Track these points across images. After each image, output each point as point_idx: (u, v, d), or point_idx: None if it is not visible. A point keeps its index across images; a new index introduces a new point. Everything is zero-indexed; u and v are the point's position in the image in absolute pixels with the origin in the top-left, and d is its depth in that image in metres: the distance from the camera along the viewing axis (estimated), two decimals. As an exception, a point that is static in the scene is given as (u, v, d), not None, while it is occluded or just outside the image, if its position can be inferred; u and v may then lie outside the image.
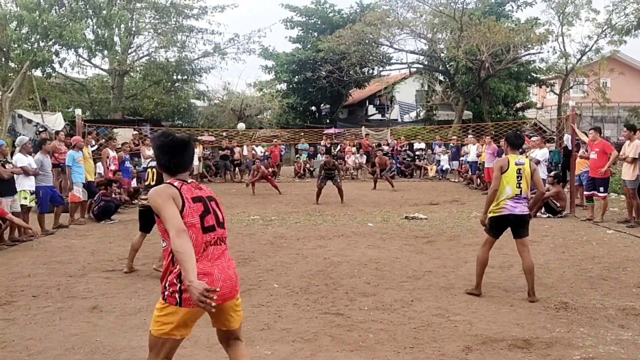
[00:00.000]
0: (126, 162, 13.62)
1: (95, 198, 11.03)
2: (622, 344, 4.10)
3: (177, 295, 2.78)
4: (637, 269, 6.47)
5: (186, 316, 2.83)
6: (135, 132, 19.37)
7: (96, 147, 14.14)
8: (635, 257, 7.15)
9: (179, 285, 2.76)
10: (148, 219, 6.62)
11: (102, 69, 28.29)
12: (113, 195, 11.48)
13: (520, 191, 5.36)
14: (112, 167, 12.76)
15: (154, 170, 6.44)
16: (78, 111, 13.56)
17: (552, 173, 12.29)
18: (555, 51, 27.30)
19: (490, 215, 5.47)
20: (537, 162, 12.02)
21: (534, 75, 29.47)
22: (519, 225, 5.41)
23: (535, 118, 30.28)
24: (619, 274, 6.30)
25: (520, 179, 5.38)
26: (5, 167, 8.61)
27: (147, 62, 28.17)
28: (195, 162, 19.63)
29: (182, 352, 3.99)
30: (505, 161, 5.47)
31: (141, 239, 6.76)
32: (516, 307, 5.08)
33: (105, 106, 27.62)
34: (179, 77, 29.33)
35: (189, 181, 2.96)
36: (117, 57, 25.45)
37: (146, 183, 6.72)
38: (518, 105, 32.39)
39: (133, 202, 13.74)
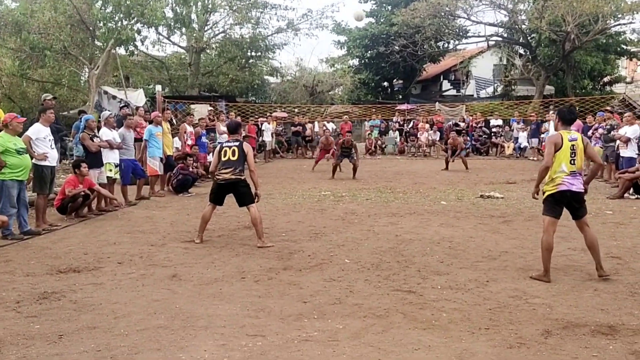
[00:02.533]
0: (203, 137, 14.04)
1: (174, 171, 11.48)
2: None
3: None
4: None
5: None
6: (211, 108, 19.89)
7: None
8: None
9: None
10: (224, 193, 6.91)
11: (180, 47, 29.16)
12: (190, 169, 11.89)
13: (575, 167, 5.25)
14: (190, 142, 13.20)
15: (234, 147, 6.82)
16: (158, 87, 14.12)
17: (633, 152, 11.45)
18: (648, 21, 25.28)
19: (548, 193, 5.36)
20: (627, 140, 11.28)
21: (624, 47, 27.47)
22: (576, 202, 5.30)
23: (624, 93, 28.28)
24: None
25: (575, 155, 5.24)
26: (93, 141, 9.12)
27: (222, 39, 28.70)
28: (268, 137, 19.98)
29: (256, 322, 4.10)
30: (559, 137, 5.30)
31: (212, 211, 7.01)
32: (600, 291, 4.81)
33: (182, 83, 28.54)
34: (253, 53, 29.70)
35: None
36: (194, 35, 26.11)
37: (224, 158, 6.81)
38: (605, 79, 30.40)
39: (209, 176, 14.21)
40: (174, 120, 15.99)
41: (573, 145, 5.24)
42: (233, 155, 6.80)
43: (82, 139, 9.10)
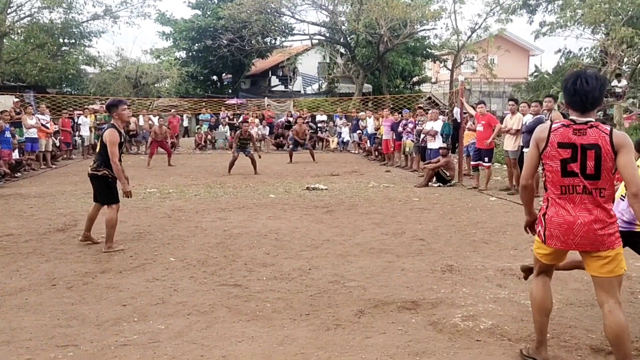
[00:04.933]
0: (6, 132, 12.52)
1: (-31, 171, 10.07)
2: (499, 302, 4.45)
3: (542, 233, 3.16)
4: (515, 233, 7.03)
5: (550, 252, 3.19)
6: (17, 100, 17.81)
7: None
8: (513, 222, 7.76)
9: (543, 224, 3.14)
10: (94, 187, 6.27)
11: (-24, 30, 25.51)
12: (-9, 168, 10.53)
13: None
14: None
15: (100, 137, 6.26)
16: (-54, 75, 12.19)
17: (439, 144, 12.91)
18: (448, 28, 28.55)
19: None
20: (435, 133, 12.65)
21: (429, 50, 30.66)
22: None
23: (430, 92, 31.65)
24: (499, 238, 6.81)
25: None
26: None
27: (28, 23, 25.74)
28: (86, 132, 18.49)
29: (68, 332, 3.80)
30: None
31: (95, 210, 6.35)
32: (407, 271, 5.34)
33: (-20, 71, 25.03)
34: (66, 40, 27.16)
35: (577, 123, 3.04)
36: (-6, 17, 23.06)
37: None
38: (415, 79, 33.64)
39: (15, 175, 12.74)
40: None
41: None
42: (100, 146, 6.21)
43: None
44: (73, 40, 27.37)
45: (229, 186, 11.47)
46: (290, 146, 17.59)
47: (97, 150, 6.29)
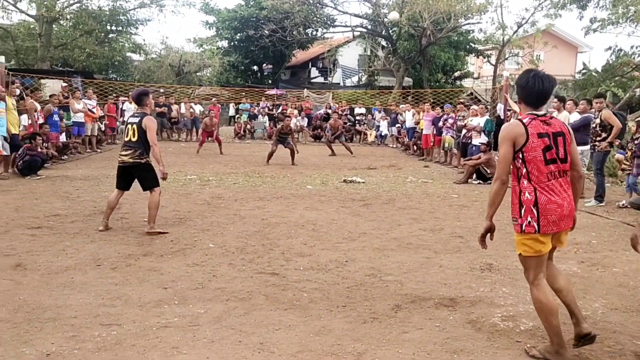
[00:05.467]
0: (54, 116, 12.93)
1: (19, 152, 10.45)
2: (539, 303, 4.35)
3: (535, 224, 3.26)
4: (557, 234, 6.86)
5: (547, 240, 3.32)
6: (65, 84, 18.36)
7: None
8: (556, 222, 7.56)
9: (535, 215, 3.25)
10: (127, 176, 6.42)
11: (28, 15, 26.38)
12: (39, 150, 10.90)
13: None
14: (41, 121, 12.11)
15: (134, 125, 6.29)
16: (1, 59, 12.64)
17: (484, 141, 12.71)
18: (493, 22, 27.86)
19: None
20: (481, 130, 12.45)
21: (473, 45, 30.05)
22: None
23: (472, 87, 31.05)
24: (541, 238, 6.65)
25: None
26: None
27: (77, 9, 26.47)
28: (130, 118, 18.90)
29: (112, 311, 3.92)
30: None
31: (116, 196, 6.50)
32: (444, 267, 5.29)
33: (32, 55, 25.89)
34: (113, 27, 27.82)
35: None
36: (45, 3, 23.78)
37: (126, 139, 6.40)
38: (456, 74, 33.07)
39: (62, 157, 13.16)
40: (24, 95, 14.54)
41: None
42: (133, 135, 6.28)
43: None
44: (120, 28, 27.99)
45: (267, 176, 11.57)
46: (331, 137, 17.47)
47: (134, 138, 6.27)
